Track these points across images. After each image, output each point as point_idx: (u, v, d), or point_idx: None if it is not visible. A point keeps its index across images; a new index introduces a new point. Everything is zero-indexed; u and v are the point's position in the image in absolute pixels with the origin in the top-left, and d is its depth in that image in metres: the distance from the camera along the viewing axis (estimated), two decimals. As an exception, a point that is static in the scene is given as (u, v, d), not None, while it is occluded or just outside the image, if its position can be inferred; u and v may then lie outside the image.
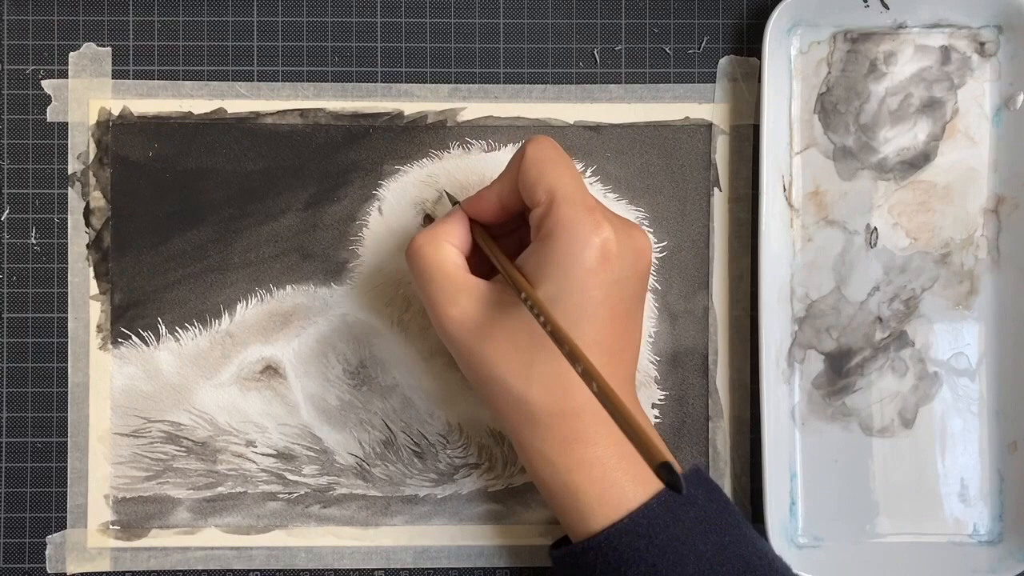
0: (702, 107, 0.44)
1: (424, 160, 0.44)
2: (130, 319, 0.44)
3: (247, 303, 0.44)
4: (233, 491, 0.44)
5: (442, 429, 0.44)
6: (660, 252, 0.44)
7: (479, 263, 0.39)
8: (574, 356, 0.32)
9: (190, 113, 0.44)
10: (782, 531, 0.43)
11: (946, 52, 0.44)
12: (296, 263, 0.44)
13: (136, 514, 0.44)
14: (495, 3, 0.44)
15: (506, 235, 0.40)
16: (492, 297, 0.37)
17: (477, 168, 0.44)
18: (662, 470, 0.27)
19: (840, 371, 0.44)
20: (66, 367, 0.44)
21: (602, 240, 0.35)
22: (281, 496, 0.44)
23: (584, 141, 0.44)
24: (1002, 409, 0.44)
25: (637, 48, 0.44)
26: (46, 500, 0.44)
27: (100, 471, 0.44)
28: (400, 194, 0.44)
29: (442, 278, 0.37)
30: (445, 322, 0.37)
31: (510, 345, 0.36)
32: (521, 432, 0.37)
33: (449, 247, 0.38)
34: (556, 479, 0.37)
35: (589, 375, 0.31)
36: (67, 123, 0.44)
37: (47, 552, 0.44)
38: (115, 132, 0.44)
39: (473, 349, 0.37)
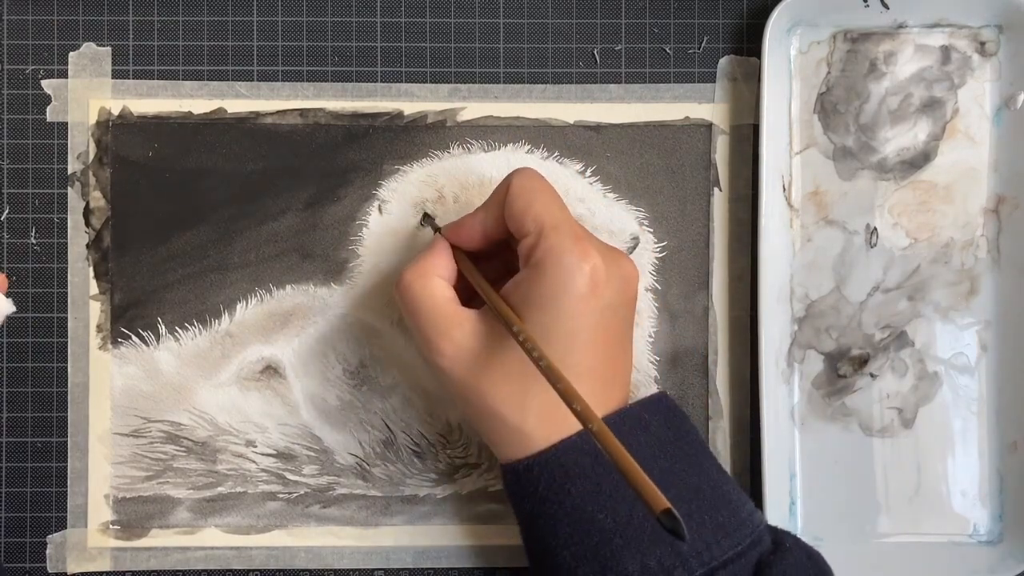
0: (702, 107, 0.44)
1: (424, 160, 0.44)
2: (130, 319, 0.44)
3: (247, 303, 0.44)
4: (233, 491, 0.44)
5: (442, 429, 0.44)
6: (660, 252, 0.44)
7: (465, 288, 0.39)
8: (568, 395, 0.32)
9: (190, 113, 0.44)
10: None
11: (946, 52, 0.44)
12: (296, 263, 0.44)
13: (136, 514, 0.44)
14: (495, 3, 0.44)
15: (488, 259, 0.40)
16: (483, 328, 0.37)
17: (477, 168, 0.44)
18: (664, 517, 0.28)
19: (840, 371, 0.44)
20: (66, 367, 0.44)
21: (591, 268, 0.36)
22: (281, 496, 0.44)
23: (584, 141, 0.44)
24: (1002, 409, 0.44)
25: (637, 48, 0.44)
26: (46, 500, 0.44)
27: (100, 471, 0.44)
28: (400, 194, 0.44)
29: (433, 313, 0.37)
30: (437, 357, 0.37)
31: (503, 377, 0.36)
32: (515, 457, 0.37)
33: (438, 280, 0.38)
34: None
35: (584, 416, 0.31)
36: (67, 123, 0.44)
37: (47, 552, 0.44)
38: (115, 132, 0.44)
39: (467, 383, 0.37)
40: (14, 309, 0.39)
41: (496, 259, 0.40)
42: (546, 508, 0.36)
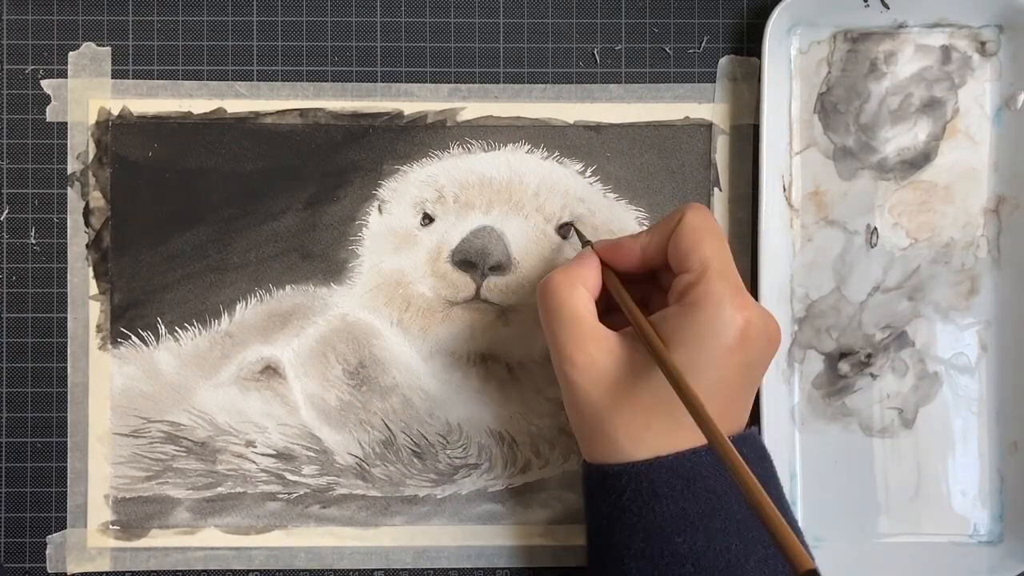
0: (702, 107, 0.44)
1: (424, 160, 0.44)
2: (130, 319, 0.44)
3: (247, 303, 0.44)
4: (233, 491, 0.44)
5: (442, 429, 0.44)
6: (660, 252, 0.44)
7: (604, 310, 0.39)
8: (713, 438, 0.31)
9: (190, 113, 0.44)
10: (782, 531, 0.43)
11: (946, 52, 0.44)
12: (296, 263, 0.44)
13: (136, 514, 0.44)
14: (495, 3, 0.44)
15: (629, 283, 0.39)
16: (619, 352, 0.37)
17: (477, 168, 0.44)
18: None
19: (840, 371, 0.44)
20: (66, 367, 0.44)
21: (745, 321, 0.35)
22: (281, 496, 0.44)
23: (584, 141, 0.44)
24: (1002, 409, 0.44)
25: (637, 48, 0.44)
26: (46, 500, 0.44)
27: (100, 471, 0.44)
28: (400, 194, 0.44)
29: (573, 322, 0.37)
30: (567, 367, 0.37)
31: (629, 405, 0.36)
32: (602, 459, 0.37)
33: (583, 291, 0.38)
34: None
35: (734, 468, 0.30)
36: (67, 123, 0.44)
37: (47, 552, 0.44)
38: (115, 132, 0.44)
39: (591, 399, 0.37)
40: None
41: (633, 286, 0.40)
42: (626, 517, 0.36)
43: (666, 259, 0.38)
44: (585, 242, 0.42)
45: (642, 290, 0.40)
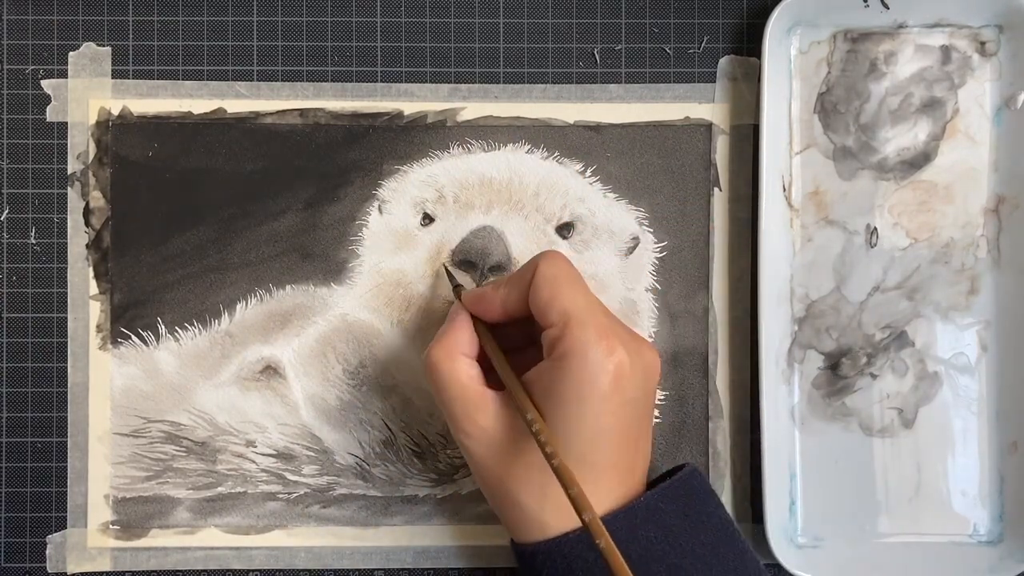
0: (702, 107, 0.44)
1: (424, 160, 0.44)
2: (130, 319, 0.44)
3: (247, 303, 0.44)
4: (233, 491, 0.44)
5: (442, 429, 0.44)
6: (660, 252, 0.44)
7: (489, 365, 0.39)
8: (578, 504, 0.33)
9: (190, 113, 0.44)
10: (782, 531, 0.43)
11: (946, 52, 0.44)
12: (296, 263, 0.44)
13: (136, 514, 0.44)
14: (495, 3, 0.44)
15: (508, 325, 0.40)
16: (507, 413, 0.37)
17: (477, 168, 0.44)
18: None
19: (840, 371, 0.44)
20: (66, 367, 0.44)
21: (615, 365, 0.35)
22: (281, 496, 0.44)
23: (584, 141, 0.44)
24: (1002, 409, 0.44)
25: (637, 48, 0.44)
26: (46, 500, 0.44)
27: (100, 471, 0.44)
28: (400, 194, 0.44)
29: (460, 394, 0.37)
30: (462, 437, 0.38)
31: (525, 464, 0.37)
32: (518, 528, 0.38)
33: (463, 359, 0.38)
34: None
35: (591, 528, 0.32)
36: (67, 123, 0.44)
37: (47, 552, 0.44)
38: (115, 132, 0.44)
39: (488, 466, 0.37)
40: None
41: (516, 327, 0.40)
42: None
43: (528, 309, 0.38)
44: (455, 285, 0.42)
45: (529, 330, 0.40)
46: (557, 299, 0.36)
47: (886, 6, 0.43)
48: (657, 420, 0.44)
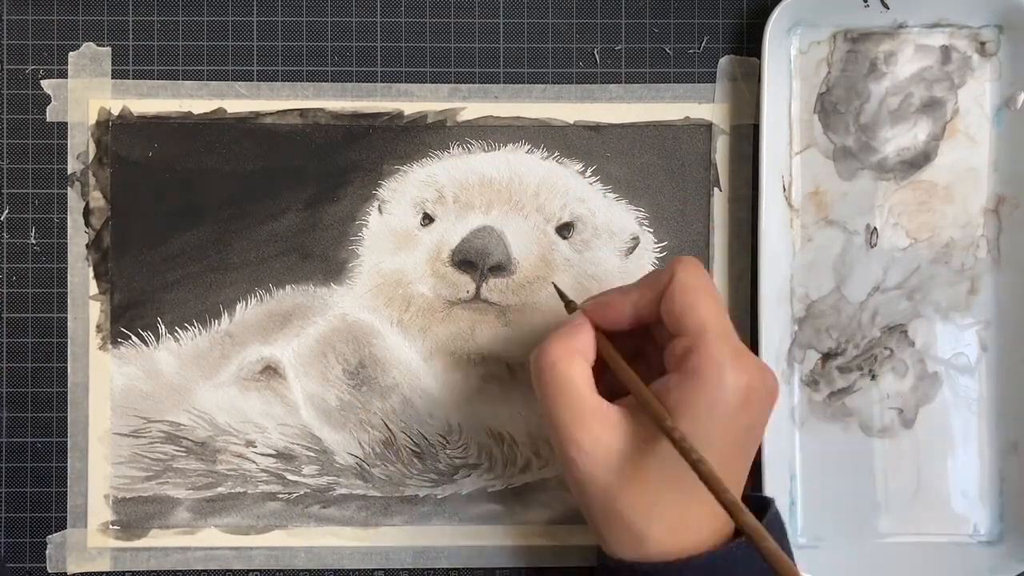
0: (702, 107, 0.44)
1: (424, 160, 0.44)
2: (130, 319, 0.44)
3: (247, 303, 0.44)
4: (233, 491, 0.44)
5: (442, 429, 0.44)
6: (660, 252, 0.44)
7: (596, 378, 0.37)
8: (735, 509, 0.31)
9: (190, 113, 0.44)
10: (782, 531, 0.43)
11: (946, 52, 0.44)
12: (296, 263, 0.44)
13: (136, 514, 0.44)
14: (495, 3, 0.44)
15: (618, 336, 0.38)
16: (623, 426, 0.36)
17: (477, 168, 0.44)
18: None
19: (840, 371, 0.44)
20: (66, 367, 0.44)
21: (747, 384, 0.34)
22: (281, 496, 0.44)
23: (584, 141, 0.44)
24: (1002, 409, 0.44)
25: (637, 48, 0.44)
26: (46, 500, 0.44)
27: (100, 471, 0.44)
28: (400, 194, 0.44)
29: (575, 400, 0.35)
30: (571, 448, 0.35)
31: (639, 482, 0.35)
32: (615, 543, 0.36)
33: (583, 363, 0.36)
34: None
35: (753, 537, 0.31)
36: (67, 123, 0.44)
37: (47, 552, 0.44)
38: (115, 132, 0.44)
39: (597, 479, 0.35)
40: None
41: (623, 339, 0.38)
42: None
43: (659, 315, 0.37)
44: (568, 302, 0.39)
45: (634, 342, 0.39)
46: (695, 309, 0.35)
47: (886, 6, 0.43)
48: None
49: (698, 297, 0.35)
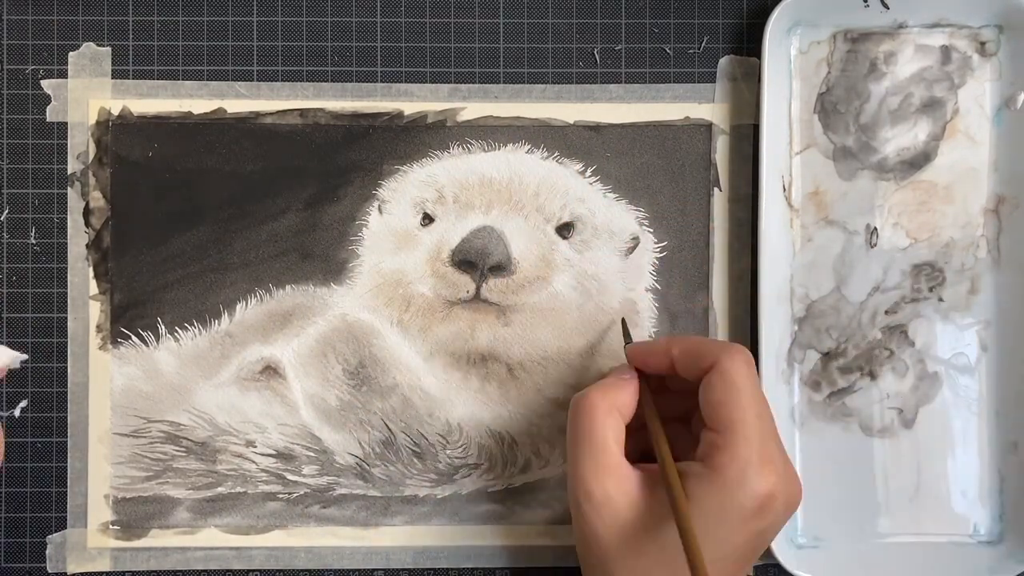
0: (702, 107, 0.44)
1: (424, 160, 0.44)
2: (130, 319, 0.44)
3: (247, 303, 0.44)
4: (233, 491, 0.44)
5: (442, 429, 0.44)
6: (660, 252, 0.44)
7: (632, 427, 0.38)
8: None
9: (190, 113, 0.44)
10: (782, 531, 0.43)
11: (946, 52, 0.44)
12: (296, 263, 0.44)
13: (136, 514, 0.44)
14: (495, 3, 0.44)
15: (674, 396, 0.39)
16: (636, 494, 0.36)
17: (477, 168, 0.44)
18: None
19: (840, 371, 0.44)
20: (66, 367, 0.44)
21: (768, 492, 0.35)
22: (281, 496, 0.44)
23: (584, 141, 0.44)
24: (1002, 409, 0.44)
25: (637, 48, 0.44)
26: (46, 500, 0.44)
27: (100, 471, 0.44)
28: (400, 194, 0.44)
29: (599, 450, 0.36)
30: (582, 498, 0.36)
31: (634, 551, 0.35)
32: None
33: (617, 418, 0.37)
34: None
35: None
36: (67, 123, 0.44)
37: (47, 552, 0.44)
38: (115, 132, 0.44)
39: (598, 535, 0.36)
40: (23, 357, 0.38)
41: (678, 398, 0.39)
42: None
43: (694, 380, 0.37)
44: (627, 341, 0.42)
45: (686, 404, 0.39)
46: (729, 405, 0.35)
47: (886, 6, 0.43)
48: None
49: (736, 394, 0.35)
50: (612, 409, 0.37)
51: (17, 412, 0.43)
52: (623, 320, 0.43)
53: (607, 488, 0.36)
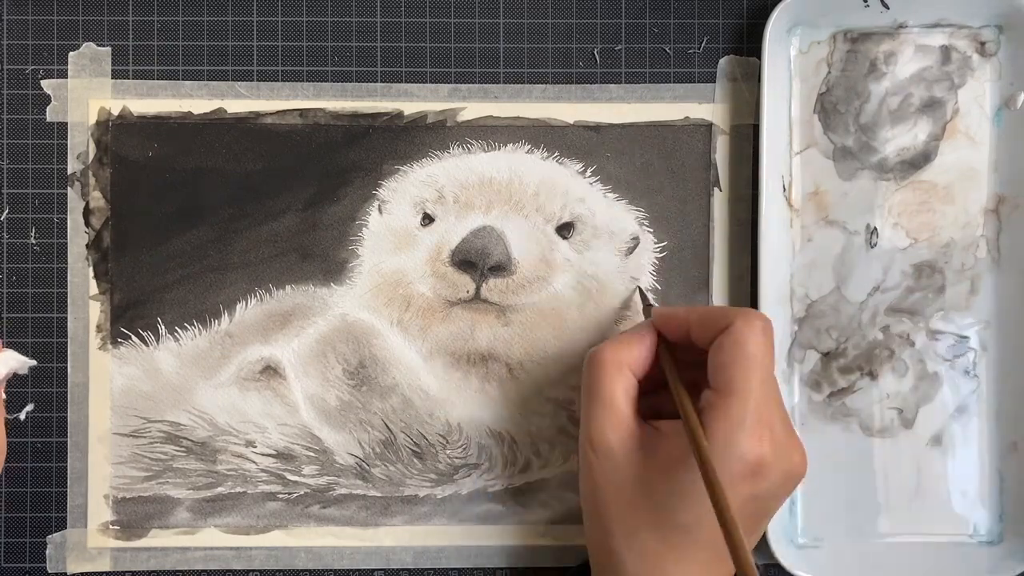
0: (702, 107, 0.44)
1: (424, 160, 0.44)
2: (130, 319, 0.44)
3: (247, 303, 0.44)
4: (233, 491, 0.44)
5: (442, 429, 0.44)
6: (660, 252, 0.44)
7: (653, 387, 0.38)
8: (739, 559, 0.30)
9: (190, 113, 0.44)
10: (782, 531, 0.43)
11: (946, 52, 0.44)
12: (296, 263, 0.44)
13: (136, 514, 0.44)
14: (495, 3, 0.44)
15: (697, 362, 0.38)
16: (640, 449, 0.36)
17: (477, 168, 0.44)
18: None
19: (840, 371, 0.44)
20: (66, 367, 0.44)
21: (755, 458, 0.34)
22: (281, 496, 0.44)
23: (584, 141, 0.44)
24: (1002, 409, 0.44)
25: (637, 48, 0.44)
26: (46, 500, 0.44)
27: (100, 471, 0.44)
28: (400, 194, 0.44)
29: (607, 403, 0.37)
30: (587, 445, 0.37)
31: (631, 505, 0.36)
32: (594, 551, 0.37)
33: (628, 375, 0.37)
34: None
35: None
36: (67, 123, 0.44)
37: (47, 552, 0.44)
38: (115, 132, 0.44)
39: (598, 483, 0.37)
40: (31, 363, 0.38)
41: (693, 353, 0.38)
42: None
43: (708, 340, 0.37)
44: (647, 306, 0.42)
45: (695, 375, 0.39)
46: (732, 367, 0.35)
47: (886, 6, 0.43)
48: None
49: (742, 356, 0.35)
50: (623, 365, 0.37)
51: (23, 416, 0.43)
52: (639, 288, 0.43)
53: (610, 441, 0.36)
